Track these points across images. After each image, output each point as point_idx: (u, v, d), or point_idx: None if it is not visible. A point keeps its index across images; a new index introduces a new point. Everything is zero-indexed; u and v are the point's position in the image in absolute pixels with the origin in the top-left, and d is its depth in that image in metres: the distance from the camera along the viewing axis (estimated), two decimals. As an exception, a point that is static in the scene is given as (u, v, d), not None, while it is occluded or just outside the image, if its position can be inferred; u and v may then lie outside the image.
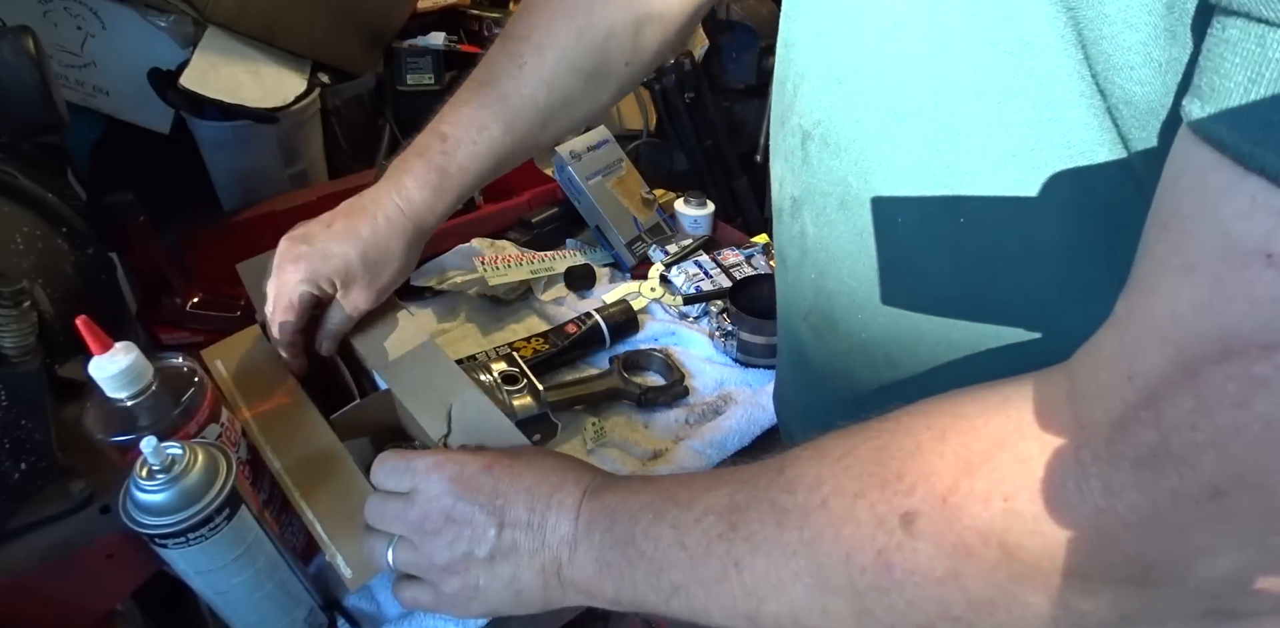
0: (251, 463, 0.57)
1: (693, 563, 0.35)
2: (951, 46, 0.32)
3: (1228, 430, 0.22)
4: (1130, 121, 0.29)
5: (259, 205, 0.92)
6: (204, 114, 0.88)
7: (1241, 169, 0.21)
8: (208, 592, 0.50)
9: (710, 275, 0.94)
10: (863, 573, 0.30)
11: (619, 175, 1.01)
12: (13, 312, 0.49)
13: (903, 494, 0.29)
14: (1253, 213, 0.21)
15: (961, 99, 0.33)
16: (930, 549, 0.28)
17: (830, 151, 0.40)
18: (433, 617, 0.59)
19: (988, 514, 0.27)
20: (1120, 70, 0.28)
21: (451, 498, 0.42)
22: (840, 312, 0.44)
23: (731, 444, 0.73)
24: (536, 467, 0.43)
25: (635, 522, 0.37)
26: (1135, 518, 0.24)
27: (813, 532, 0.31)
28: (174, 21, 0.85)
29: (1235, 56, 0.21)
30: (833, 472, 0.32)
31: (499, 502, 0.41)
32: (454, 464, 0.43)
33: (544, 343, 0.82)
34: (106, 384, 0.47)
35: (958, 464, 0.29)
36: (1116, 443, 0.25)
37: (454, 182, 0.58)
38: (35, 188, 0.57)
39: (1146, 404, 0.24)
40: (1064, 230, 0.33)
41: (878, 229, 0.39)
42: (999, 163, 0.33)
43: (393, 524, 0.44)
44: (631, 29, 0.57)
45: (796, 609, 0.32)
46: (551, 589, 0.40)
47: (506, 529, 0.41)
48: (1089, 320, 0.27)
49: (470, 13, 1.18)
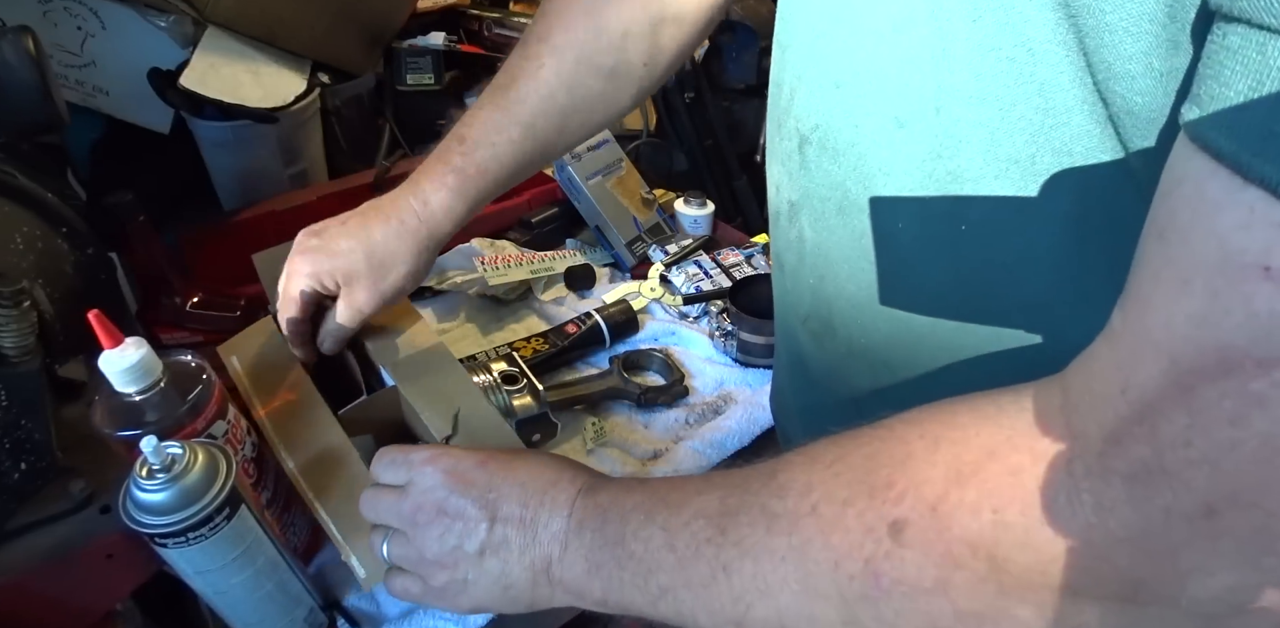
0: (256, 461, 0.57)
1: (681, 566, 0.34)
2: (952, 52, 0.32)
3: (1223, 448, 0.22)
4: (1132, 130, 0.29)
5: (259, 205, 0.92)
6: (204, 114, 0.88)
7: (1240, 179, 0.21)
8: (208, 592, 0.50)
9: (710, 275, 0.94)
10: (850, 581, 0.29)
11: (619, 175, 1.01)
12: (13, 312, 0.49)
13: (892, 502, 0.29)
14: (1251, 225, 0.21)
15: (963, 105, 0.33)
16: (918, 559, 0.28)
17: (828, 156, 0.40)
18: (432, 617, 0.59)
19: (977, 525, 0.27)
20: (1121, 79, 0.27)
21: (445, 491, 0.42)
22: (839, 316, 0.44)
23: (731, 444, 0.73)
24: (532, 465, 0.43)
25: (626, 522, 0.37)
26: (1126, 534, 0.24)
27: (802, 538, 0.31)
28: (174, 21, 0.85)
29: (1235, 64, 0.21)
30: (823, 478, 0.32)
31: (492, 496, 0.41)
32: (450, 458, 0.43)
33: (544, 343, 0.82)
34: (116, 379, 0.47)
35: (948, 474, 0.28)
36: (1109, 457, 0.24)
37: (473, 184, 0.58)
38: (35, 188, 0.57)
39: (1140, 419, 0.23)
40: (1064, 238, 0.33)
41: (877, 234, 0.39)
42: (1000, 170, 0.33)
43: (387, 516, 0.44)
44: (649, 29, 0.57)
45: (784, 616, 0.32)
46: (540, 587, 0.40)
47: (498, 524, 0.40)
48: (1089, 328, 0.27)
49: (470, 13, 1.18)
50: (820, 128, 0.40)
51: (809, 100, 0.41)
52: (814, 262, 0.44)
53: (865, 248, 0.40)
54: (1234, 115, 0.21)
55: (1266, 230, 0.20)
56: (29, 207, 0.57)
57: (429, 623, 0.59)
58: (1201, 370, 0.22)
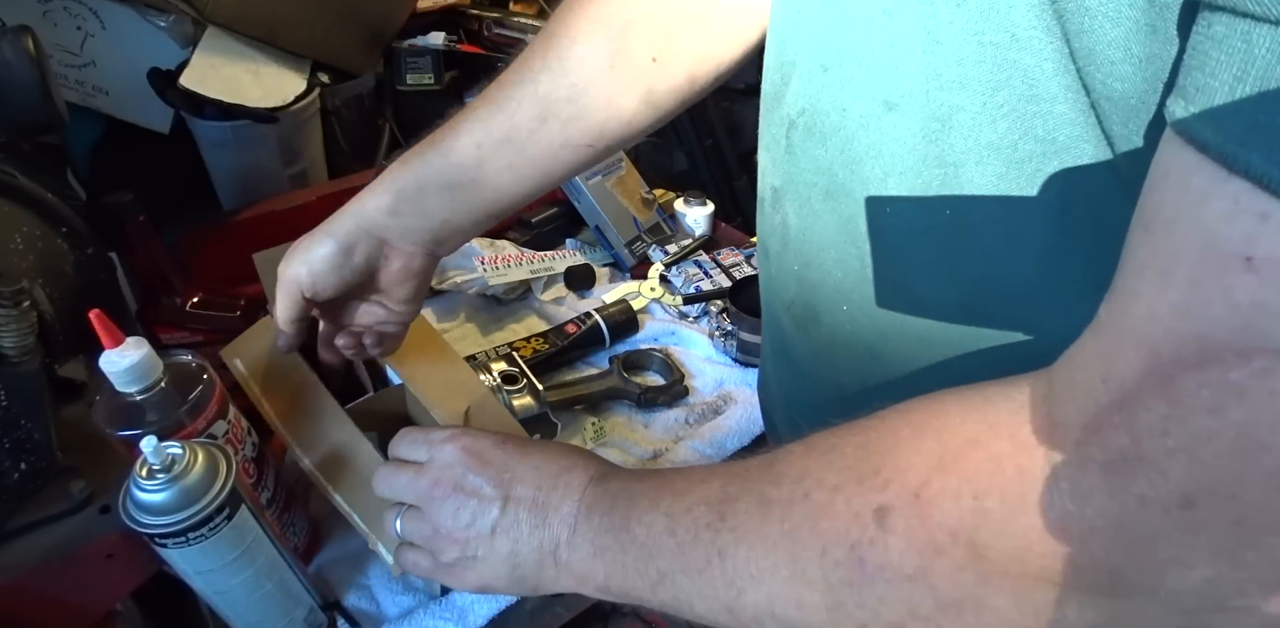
0: (256, 461, 0.57)
1: (680, 551, 0.35)
2: (940, 36, 0.32)
3: (1201, 438, 0.22)
4: (1113, 118, 0.28)
5: (259, 205, 0.92)
6: (204, 114, 0.88)
7: (1225, 171, 0.20)
8: (207, 591, 0.50)
9: (710, 275, 0.94)
10: (836, 567, 0.30)
11: (618, 175, 1.01)
12: (13, 312, 0.49)
13: (878, 489, 0.29)
14: (1235, 215, 0.20)
15: (948, 90, 0.32)
16: (901, 545, 0.28)
17: (815, 140, 0.40)
18: (432, 617, 0.59)
19: (957, 511, 0.27)
20: (1101, 65, 0.27)
21: (462, 468, 0.43)
22: (824, 304, 0.44)
23: (731, 444, 0.73)
24: (548, 451, 0.44)
25: (633, 508, 0.38)
26: (1103, 523, 0.24)
27: (793, 524, 0.31)
28: (174, 21, 0.85)
29: (1220, 54, 0.21)
30: (817, 466, 0.32)
31: (507, 476, 0.42)
32: (469, 437, 0.44)
33: (544, 343, 0.82)
34: (117, 379, 0.47)
35: (931, 460, 0.28)
36: (1087, 445, 0.24)
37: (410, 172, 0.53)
38: (35, 188, 0.57)
39: (1119, 407, 0.23)
40: (1047, 228, 0.33)
41: (868, 220, 0.39)
42: (982, 156, 0.33)
43: (402, 491, 0.45)
44: (657, 22, 0.51)
45: (773, 601, 0.32)
46: (546, 569, 0.40)
47: (511, 504, 0.41)
48: (1072, 320, 0.27)
49: (470, 13, 1.18)
50: (807, 112, 0.40)
51: (797, 84, 0.40)
52: (798, 247, 0.44)
53: (852, 233, 0.39)
54: (1219, 106, 0.21)
55: (1250, 221, 0.20)
56: (29, 207, 0.57)
57: (429, 623, 0.59)
58: (1181, 360, 0.22)
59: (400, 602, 0.61)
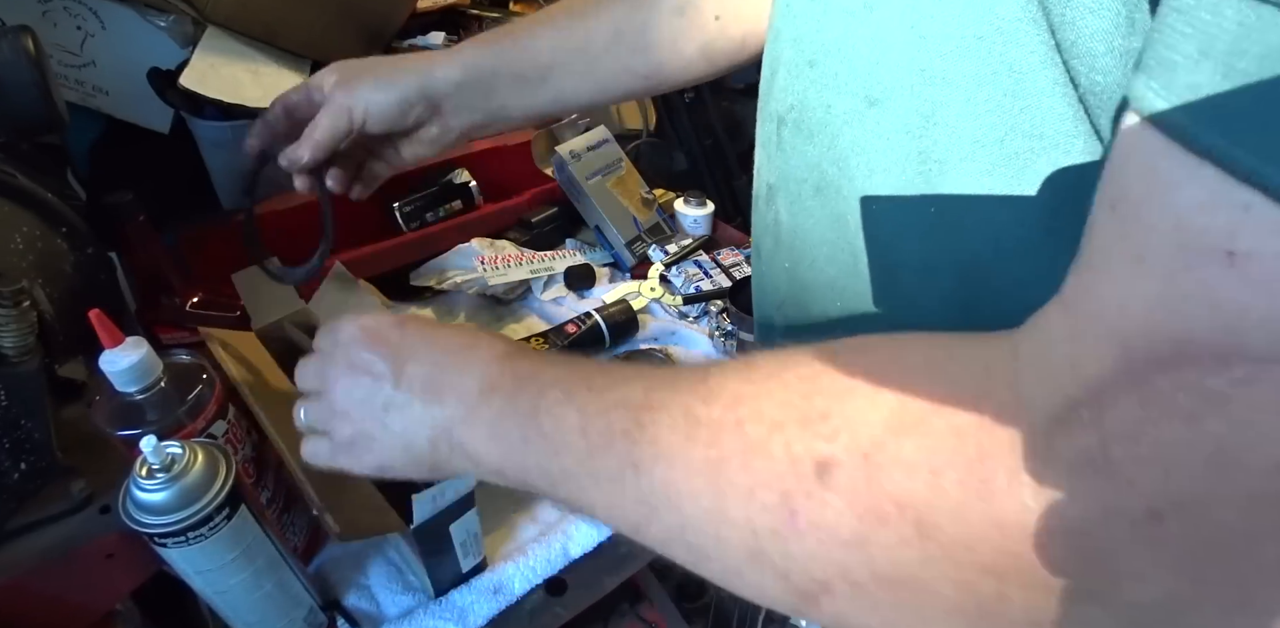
0: (256, 461, 0.57)
1: (590, 454, 0.32)
2: (923, 30, 0.31)
3: (1174, 447, 0.20)
4: (1098, 112, 0.28)
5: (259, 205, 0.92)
6: (204, 114, 0.88)
7: (1194, 156, 0.19)
8: (207, 591, 0.50)
9: (710, 275, 0.94)
10: (764, 511, 0.27)
11: (619, 175, 1.01)
12: (12, 312, 0.49)
13: (824, 439, 0.27)
14: (1213, 206, 0.19)
15: (933, 85, 0.32)
16: (840, 505, 0.26)
17: (803, 136, 0.39)
18: (432, 617, 0.59)
19: (910, 484, 0.25)
20: (1084, 58, 0.27)
21: (358, 346, 0.41)
22: (815, 302, 0.43)
23: (731, 444, 0.73)
24: (454, 331, 0.42)
25: (542, 396, 0.35)
26: (1063, 528, 0.22)
27: (720, 453, 0.29)
28: (174, 21, 0.85)
29: (1185, 26, 0.19)
30: (755, 392, 0.29)
31: (405, 354, 0.40)
32: (370, 318, 0.43)
33: (544, 343, 0.82)
34: (116, 378, 0.47)
35: (889, 420, 0.26)
36: (1054, 438, 0.23)
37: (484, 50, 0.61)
38: (35, 188, 0.57)
39: (1088, 403, 0.22)
40: (1035, 226, 0.32)
41: (859, 218, 0.38)
42: (967, 152, 0.32)
43: (308, 378, 0.44)
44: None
45: (687, 530, 0.30)
46: (440, 449, 0.38)
47: (404, 381, 0.40)
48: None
49: (470, 13, 1.18)
50: (795, 108, 0.40)
51: (783, 80, 0.40)
52: (790, 245, 0.43)
53: (843, 230, 0.39)
54: (1182, 83, 0.19)
55: (1229, 212, 0.18)
56: (29, 207, 0.57)
57: (429, 623, 0.58)
58: (1156, 360, 0.20)
59: (400, 602, 0.61)
